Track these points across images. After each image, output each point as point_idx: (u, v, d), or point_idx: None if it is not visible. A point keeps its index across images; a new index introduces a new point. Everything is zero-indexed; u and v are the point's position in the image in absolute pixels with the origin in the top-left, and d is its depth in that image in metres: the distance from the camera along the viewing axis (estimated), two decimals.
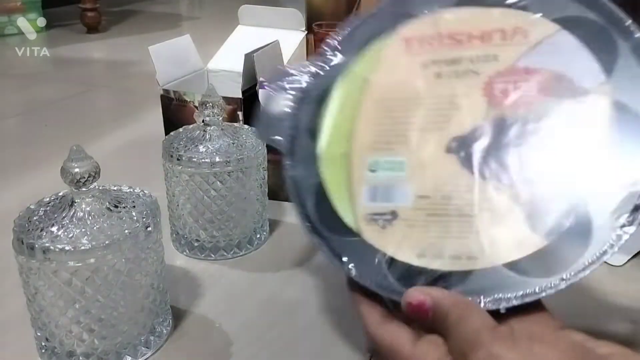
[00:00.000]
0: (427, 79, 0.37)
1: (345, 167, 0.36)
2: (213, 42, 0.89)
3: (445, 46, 0.37)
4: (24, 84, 1.15)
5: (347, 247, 0.34)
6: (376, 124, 0.37)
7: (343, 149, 0.37)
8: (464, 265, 0.32)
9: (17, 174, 0.73)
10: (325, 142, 0.38)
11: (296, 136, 0.38)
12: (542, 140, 0.33)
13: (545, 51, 0.34)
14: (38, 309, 0.39)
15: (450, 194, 0.33)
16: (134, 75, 1.20)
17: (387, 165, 0.35)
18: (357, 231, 0.34)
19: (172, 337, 0.44)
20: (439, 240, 0.33)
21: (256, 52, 0.66)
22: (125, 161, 0.78)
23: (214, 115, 0.52)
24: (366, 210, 0.35)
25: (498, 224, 0.32)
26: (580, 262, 0.30)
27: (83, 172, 0.38)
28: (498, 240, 0.32)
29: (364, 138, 0.37)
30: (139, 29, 1.69)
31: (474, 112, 0.34)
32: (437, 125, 0.35)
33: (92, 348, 0.39)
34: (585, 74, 0.33)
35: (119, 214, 0.39)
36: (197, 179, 0.51)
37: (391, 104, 0.37)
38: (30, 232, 0.37)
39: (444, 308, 0.29)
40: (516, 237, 0.32)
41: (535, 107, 0.33)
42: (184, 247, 0.55)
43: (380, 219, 0.34)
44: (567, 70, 0.34)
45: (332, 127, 0.38)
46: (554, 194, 0.32)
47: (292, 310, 0.47)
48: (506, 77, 0.35)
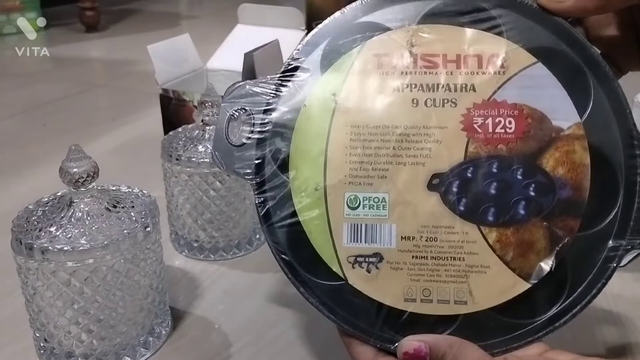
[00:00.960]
0: (403, 105, 0.34)
1: (322, 204, 0.34)
2: (212, 41, 0.89)
3: (420, 69, 0.35)
4: (23, 83, 1.15)
5: (333, 293, 0.33)
6: (350, 153, 0.34)
7: (317, 183, 0.34)
8: (453, 309, 0.32)
9: (16, 174, 0.73)
10: (296, 174, 0.34)
11: (263, 168, 0.34)
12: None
13: (522, 85, 0.33)
14: (37, 309, 0.38)
15: (435, 235, 0.33)
16: (133, 75, 1.20)
17: (367, 202, 0.34)
18: (343, 276, 0.33)
19: (171, 338, 0.44)
20: (426, 284, 0.33)
21: (256, 51, 0.66)
22: (124, 161, 0.77)
23: (213, 114, 0.52)
24: (349, 252, 0.33)
25: (483, 267, 0.32)
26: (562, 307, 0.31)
27: (82, 172, 0.38)
28: (484, 284, 0.32)
29: (339, 170, 0.34)
30: (138, 28, 1.68)
31: (453, 146, 0.33)
32: (416, 159, 0.34)
33: (91, 349, 0.39)
34: (560, 113, 0.33)
35: (117, 214, 0.39)
36: (196, 178, 0.51)
37: (364, 130, 0.34)
38: (29, 232, 0.37)
39: (440, 350, 0.30)
40: (501, 280, 0.32)
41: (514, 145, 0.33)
42: (183, 247, 0.55)
43: (364, 262, 0.33)
44: (543, 107, 0.33)
45: (301, 157, 0.34)
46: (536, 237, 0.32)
47: (292, 311, 0.47)
48: (484, 110, 0.34)
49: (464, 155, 0.33)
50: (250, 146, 0.35)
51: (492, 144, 0.33)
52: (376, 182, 0.34)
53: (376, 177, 0.34)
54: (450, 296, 0.32)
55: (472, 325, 0.32)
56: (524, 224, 0.33)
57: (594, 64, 0.33)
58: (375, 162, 0.34)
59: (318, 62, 0.35)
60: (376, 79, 0.34)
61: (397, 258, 0.33)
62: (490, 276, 0.32)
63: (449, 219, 0.33)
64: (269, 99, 0.35)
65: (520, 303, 0.32)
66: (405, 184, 0.34)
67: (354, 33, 0.35)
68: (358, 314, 0.33)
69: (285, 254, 0.34)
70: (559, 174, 0.33)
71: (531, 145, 0.33)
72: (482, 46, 0.34)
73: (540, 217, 0.32)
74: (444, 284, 0.33)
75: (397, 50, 0.35)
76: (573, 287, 0.32)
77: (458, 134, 0.33)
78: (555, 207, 0.33)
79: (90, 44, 1.51)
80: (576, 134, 0.33)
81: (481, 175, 0.33)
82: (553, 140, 0.33)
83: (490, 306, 0.32)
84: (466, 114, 0.34)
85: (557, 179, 0.33)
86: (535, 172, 0.33)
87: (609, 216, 0.32)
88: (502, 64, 0.34)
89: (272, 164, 0.34)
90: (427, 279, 0.33)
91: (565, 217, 0.32)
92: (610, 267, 0.32)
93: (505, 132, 0.33)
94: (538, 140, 0.33)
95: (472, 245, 0.33)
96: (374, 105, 0.34)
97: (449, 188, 0.33)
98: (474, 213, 0.33)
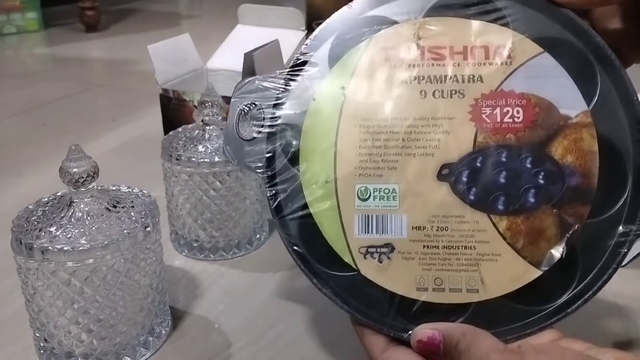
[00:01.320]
0: (411, 97, 0.34)
1: (333, 196, 0.34)
2: (212, 41, 0.89)
3: (428, 61, 0.35)
4: (23, 83, 1.15)
5: (346, 284, 0.33)
6: (360, 146, 0.34)
7: (327, 175, 0.34)
8: (465, 297, 0.32)
9: (16, 174, 0.73)
10: (307, 167, 0.35)
11: (274, 162, 0.35)
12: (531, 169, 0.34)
13: (529, 75, 0.34)
14: (37, 309, 0.38)
15: (445, 224, 0.33)
16: (133, 75, 1.20)
17: (378, 193, 0.34)
18: (355, 266, 0.34)
19: (171, 337, 0.44)
20: (438, 273, 0.33)
21: (256, 51, 0.66)
22: (124, 161, 0.77)
23: (213, 114, 0.52)
24: (361, 243, 0.34)
25: (494, 255, 0.33)
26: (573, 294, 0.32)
27: (82, 172, 0.38)
28: (496, 271, 0.32)
29: (349, 162, 0.34)
30: (138, 28, 1.68)
31: (462, 137, 0.34)
32: (426, 150, 0.34)
33: (91, 349, 0.39)
34: (568, 102, 0.34)
35: (117, 214, 0.39)
36: (196, 178, 0.51)
37: (373, 123, 0.34)
38: (29, 232, 0.37)
39: (453, 338, 0.30)
40: (512, 268, 0.32)
41: (523, 134, 0.34)
42: (183, 247, 0.55)
43: (376, 253, 0.34)
44: (550, 97, 0.34)
45: (311, 150, 0.35)
46: (546, 224, 0.33)
47: (292, 311, 0.47)
48: (492, 100, 0.34)
49: (472, 145, 0.34)
50: (261, 140, 0.35)
51: (501, 134, 0.34)
52: (386, 173, 0.34)
53: (386, 168, 0.34)
54: (462, 284, 0.33)
55: (484, 313, 0.32)
56: (534, 212, 0.33)
57: (601, 53, 0.33)
58: (385, 154, 0.34)
59: (326, 57, 0.35)
60: (384, 72, 0.35)
61: (408, 248, 0.33)
62: (502, 264, 0.32)
63: (460, 208, 0.33)
64: (278, 94, 0.35)
65: (532, 290, 0.32)
66: (415, 175, 0.34)
67: (361, 27, 0.35)
68: (371, 303, 0.33)
69: (298, 245, 0.34)
70: (567, 161, 0.33)
71: (539, 133, 0.33)
72: (488, 37, 0.34)
73: (550, 205, 0.33)
74: (456, 272, 0.33)
75: (404, 43, 0.35)
76: (584, 273, 0.32)
77: (466, 124, 0.34)
78: (564, 195, 0.33)
79: (90, 44, 1.51)
80: (584, 121, 0.33)
81: (490, 164, 0.33)
82: (561, 128, 0.33)
83: (502, 294, 0.32)
84: (474, 104, 0.34)
85: (565, 166, 0.33)
86: (544, 161, 0.33)
87: (618, 202, 0.32)
88: (509, 54, 0.34)
89: (282, 157, 0.35)
90: (439, 268, 0.33)
91: (574, 204, 0.33)
92: (621, 253, 0.32)
93: (513, 121, 0.34)
94: (546, 128, 0.33)
95: (482, 234, 0.33)
96: (382, 98, 0.35)
97: (458, 178, 0.33)
98: (484, 202, 0.33)
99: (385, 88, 0.35)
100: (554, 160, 0.33)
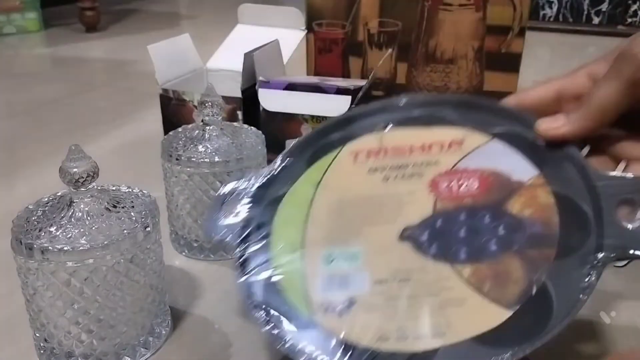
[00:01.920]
0: (375, 182, 0.38)
1: (300, 265, 0.36)
2: (212, 41, 0.89)
3: (390, 157, 0.39)
4: (23, 84, 1.15)
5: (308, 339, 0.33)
6: (329, 222, 0.37)
7: (296, 249, 0.37)
8: (430, 343, 0.32)
9: (16, 174, 0.73)
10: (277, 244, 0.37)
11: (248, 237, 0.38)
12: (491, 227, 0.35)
13: (481, 156, 0.37)
14: (37, 309, 0.38)
15: (408, 276, 0.34)
16: (133, 75, 1.20)
17: (342, 256, 0.36)
18: (316, 322, 0.33)
19: (170, 338, 0.44)
20: (401, 321, 0.33)
21: (256, 51, 0.66)
22: (124, 161, 0.77)
23: (213, 114, 0.52)
24: (322, 300, 0.34)
25: (460, 300, 0.32)
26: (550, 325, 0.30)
27: (82, 172, 0.38)
28: (463, 315, 0.32)
29: (317, 235, 0.37)
30: (138, 28, 1.68)
31: (422, 204, 0.36)
32: (389, 220, 0.36)
33: (91, 349, 0.39)
34: (519, 171, 0.36)
35: (117, 214, 0.39)
36: (196, 178, 0.51)
37: (342, 205, 0.38)
38: (29, 232, 0.37)
39: None
40: (480, 311, 0.32)
41: (479, 198, 0.35)
42: (183, 247, 0.55)
43: (337, 308, 0.34)
44: (502, 169, 0.36)
45: (284, 222, 0.38)
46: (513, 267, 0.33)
47: None
48: (449, 176, 0.37)
49: (432, 210, 0.36)
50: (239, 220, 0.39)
51: (459, 200, 0.36)
52: (351, 240, 0.36)
53: (351, 237, 0.37)
54: (427, 331, 0.32)
55: (453, 355, 0.31)
56: (498, 258, 0.33)
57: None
58: (351, 225, 0.37)
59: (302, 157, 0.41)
60: (352, 167, 0.40)
61: (370, 300, 0.34)
62: (469, 308, 0.32)
63: (422, 261, 0.34)
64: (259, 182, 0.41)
65: (503, 331, 0.31)
66: (378, 239, 0.36)
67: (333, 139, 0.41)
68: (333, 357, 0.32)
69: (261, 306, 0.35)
70: (526, 214, 0.34)
71: (496, 196, 0.35)
72: (444, 136, 0.39)
73: (514, 251, 0.33)
74: (420, 319, 0.32)
75: (371, 147, 0.40)
76: (556, 308, 0.31)
77: (426, 195, 0.37)
78: (527, 241, 0.33)
79: (90, 44, 1.51)
80: (537, 183, 0.35)
81: (450, 223, 0.35)
82: (516, 190, 0.35)
83: (471, 336, 0.31)
84: (432, 179, 0.37)
85: (525, 218, 0.34)
86: (503, 216, 0.34)
87: (584, 242, 0.32)
88: (462, 143, 0.38)
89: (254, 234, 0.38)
90: (403, 316, 0.33)
91: (539, 248, 0.33)
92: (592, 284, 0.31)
93: (469, 190, 0.36)
94: (501, 192, 0.35)
95: (446, 282, 0.33)
96: (350, 184, 0.39)
97: (420, 237, 0.35)
98: (446, 253, 0.34)
99: (353, 177, 0.39)
100: (513, 215, 0.34)
